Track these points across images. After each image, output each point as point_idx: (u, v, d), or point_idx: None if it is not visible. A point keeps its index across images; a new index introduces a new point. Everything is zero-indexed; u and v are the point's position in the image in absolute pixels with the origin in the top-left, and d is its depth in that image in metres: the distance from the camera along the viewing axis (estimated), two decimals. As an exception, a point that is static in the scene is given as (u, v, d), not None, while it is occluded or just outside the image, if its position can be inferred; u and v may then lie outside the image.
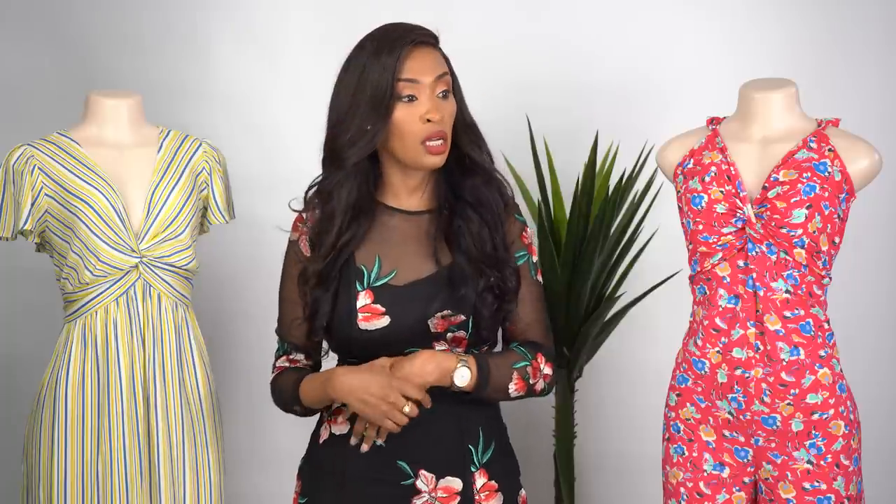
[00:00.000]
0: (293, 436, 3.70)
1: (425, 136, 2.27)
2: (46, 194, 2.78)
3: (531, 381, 2.35)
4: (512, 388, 2.32)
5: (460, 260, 2.30)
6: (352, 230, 2.33)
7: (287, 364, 2.45)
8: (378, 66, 2.26)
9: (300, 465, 2.46)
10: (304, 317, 2.37)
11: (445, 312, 2.29)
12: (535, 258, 2.42)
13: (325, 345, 2.44)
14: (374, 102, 2.26)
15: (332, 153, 2.33)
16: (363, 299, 2.31)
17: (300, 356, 2.45)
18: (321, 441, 2.40)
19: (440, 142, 2.28)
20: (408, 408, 2.21)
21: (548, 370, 2.38)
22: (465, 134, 2.35)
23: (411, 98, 2.27)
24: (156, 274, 2.79)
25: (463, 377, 2.26)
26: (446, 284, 2.31)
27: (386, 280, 2.33)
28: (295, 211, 2.44)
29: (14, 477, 3.19)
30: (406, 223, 2.37)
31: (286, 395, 2.39)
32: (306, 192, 2.40)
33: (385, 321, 2.30)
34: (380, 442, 2.29)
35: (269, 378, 2.48)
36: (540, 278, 2.43)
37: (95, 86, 3.28)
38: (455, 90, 2.35)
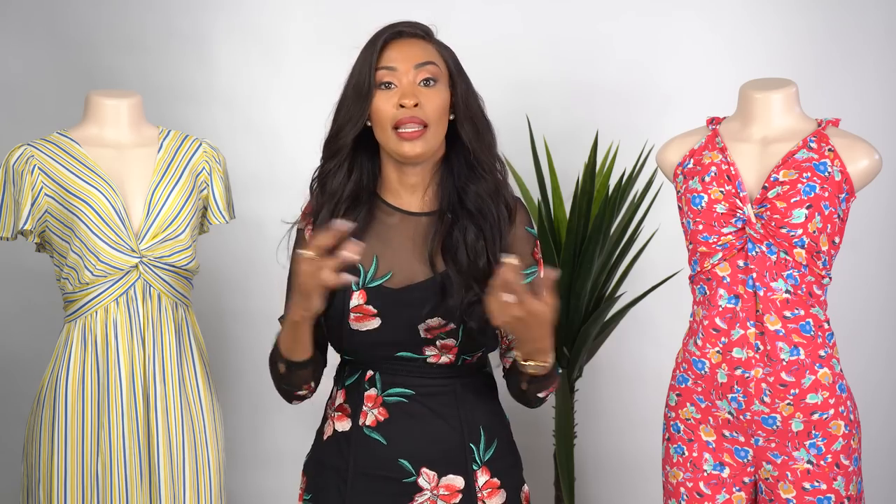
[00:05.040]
0: (293, 435, 3.71)
1: (397, 121, 2.28)
2: (46, 194, 2.78)
3: (551, 392, 2.36)
4: (545, 393, 2.31)
5: (451, 270, 2.30)
6: (347, 219, 2.33)
7: None
8: (362, 57, 2.32)
9: (305, 462, 2.47)
10: None
11: (436, 320, 2.29)
12: (542, 273, 2.42)
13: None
14: (357, 90, 2.31)
15: (329, 138, 2.36)
16: (356, 299, 2.31)
17: None
18: (325, 437, 2.41)
19: (414, 128, 2.28)
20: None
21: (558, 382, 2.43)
22: (468, 127, 2.34)
23: (388, 85, 2.30)
24: (156, 274, 2.79)
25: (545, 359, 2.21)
26: (438, 292, 2.31)
27: (381, 282, 2.33)
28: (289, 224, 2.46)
29: (14, 477, 3.19)
30: (406, 224, 2.37)
31: (272, 359, 2.35)
32: (310, 183, 2.42)
33: (376, 323, 2.30)
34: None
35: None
36: None
37: (96, 86, 3.28)
38: (455, 84, 2.34)
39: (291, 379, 2.33)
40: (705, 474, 2.61)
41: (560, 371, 3.42)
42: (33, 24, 3.77)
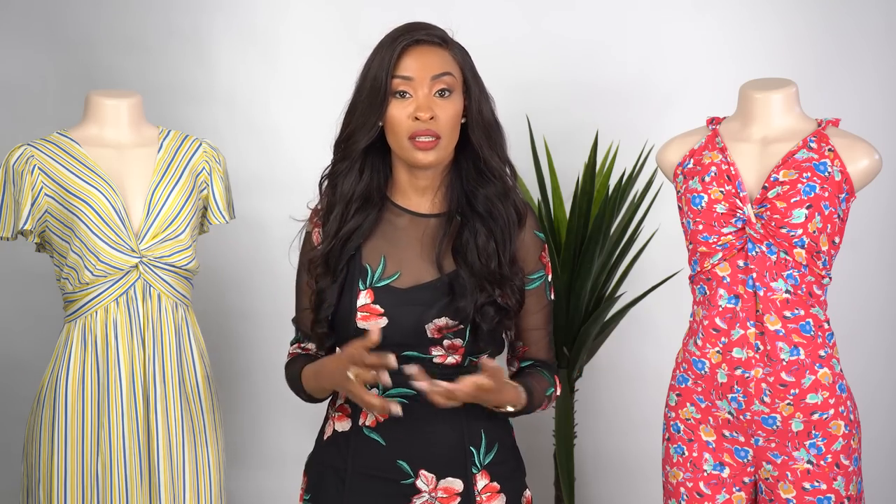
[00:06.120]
0: (293, 435, 3.71)
1: (412, 133, 2.28)
2: (46, 194, 2.78)
3: (551, 404, 2.46)
4: (538, 410, 2.40)
5: (463, 272, 2.31)
6: (357, 220, 2.35)
7: (299, 351, 2.48)
8: (378, 62, 2.31)
9: (307, 462, 2.47)
10: (311, 306, 2.38)
11: (443, 320, 2.30)
12: (550, 277, 2.43)
13: None
14: (372, 96, 2.30)
15: (341, 140, 2.36)
16: (363, 298, 2.32)
17: (311, 345, 2.47)
18: (325, 438, 2.41)
19: (429, 139, 2.28)
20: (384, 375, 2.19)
21: (559, 391, 2.46)
22: (479, 133, 2.35)
23: (403, 94, 2.29)
24: (156, 274, 2.79)
25: (513, 406, 2.31)
26: (447, 292, 2.31)
27: (388, 281, 2.33)
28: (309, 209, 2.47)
29: (14, 477, 3.19)
30: (414, 225, 2.37)
31: (294, 383, 2.43)
32: (320, 181, 2.42)
33: (382, 322, 2.31)
34: (397, 411, 2.18)
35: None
36: (553, 296, 2.45)
37: (96, 86, 3.28)
38: (469, 90, 2.34)
39: (313, 401, 2.44)
40: (705, 474, 2.61)
41: (559, 373, 3.42)
42: (33, 24, 3.77)
